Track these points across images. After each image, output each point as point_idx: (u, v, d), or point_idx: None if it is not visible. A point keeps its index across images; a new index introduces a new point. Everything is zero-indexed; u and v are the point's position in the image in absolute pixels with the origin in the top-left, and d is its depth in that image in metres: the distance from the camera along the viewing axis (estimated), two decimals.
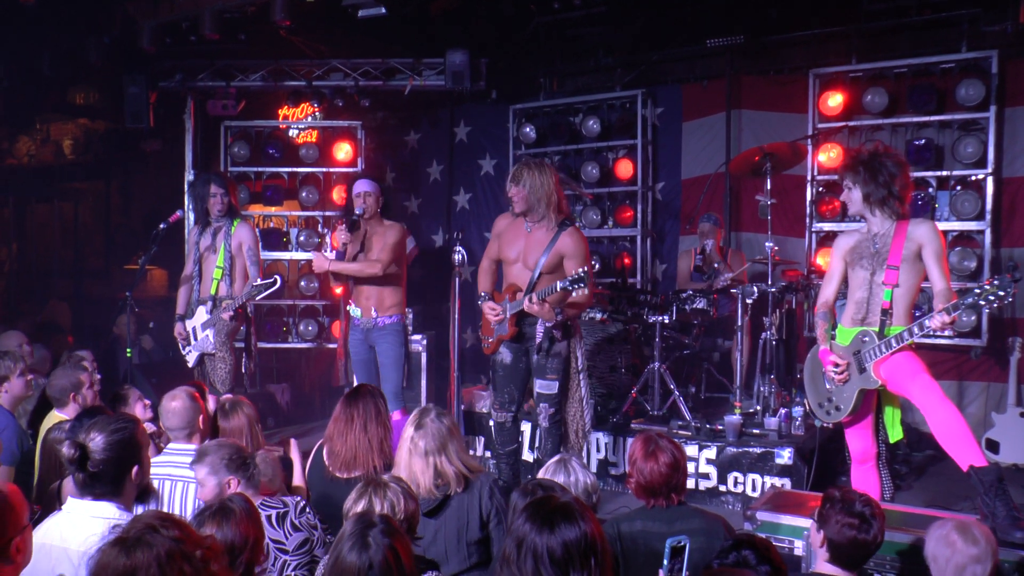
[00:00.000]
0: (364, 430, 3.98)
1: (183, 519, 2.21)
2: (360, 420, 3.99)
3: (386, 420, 4.10)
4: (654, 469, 3.38)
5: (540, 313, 5.05)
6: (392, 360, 6.13)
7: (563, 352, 5.30)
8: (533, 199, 5.18)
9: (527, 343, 5.36)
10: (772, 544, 2.89)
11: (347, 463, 3.96)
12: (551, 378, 5.29)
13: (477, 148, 9.66)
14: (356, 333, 6.22)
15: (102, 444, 2.86)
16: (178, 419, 4.02)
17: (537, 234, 5.25)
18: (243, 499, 2.84)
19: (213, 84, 8.65)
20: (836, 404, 4.54)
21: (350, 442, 3.97)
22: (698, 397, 7.16)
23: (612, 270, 8.50)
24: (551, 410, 5.34)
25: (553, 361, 5.27)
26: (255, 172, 9.04)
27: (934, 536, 3.04)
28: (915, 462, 6.57)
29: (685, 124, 8.58)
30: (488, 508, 3.64)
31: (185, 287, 6.65)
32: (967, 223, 6.88)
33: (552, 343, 5.26)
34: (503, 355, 5.44)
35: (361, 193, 6.06)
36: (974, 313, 6.70)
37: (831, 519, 3.04)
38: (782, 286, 6.39)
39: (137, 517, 2.15)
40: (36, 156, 11.32)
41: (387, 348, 6.13)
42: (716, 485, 5.89)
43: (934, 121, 7.11)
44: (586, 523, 2.38)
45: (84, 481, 2.88)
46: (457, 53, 8.12)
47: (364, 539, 2.44)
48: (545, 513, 2.40)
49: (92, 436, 2.87)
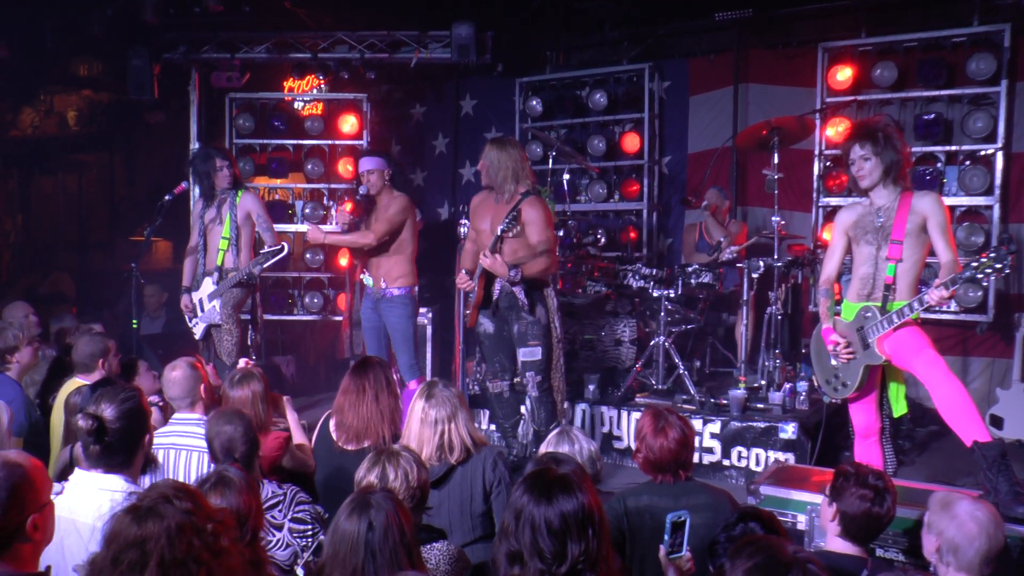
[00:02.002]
0: (376, 401, 3.97)
1: (197, 490, 2.22)
2: (372, 391, 3.98)
3: (395, 389, 4.10)
4: (663, 445, 3.39)
5: (493, 267, 5.20)
6: (401, 333, 6.19)
7: (543, 319, 5.40)
8: (495, 173, 5.43)
9: (506, 312, 5.46)
10: (776, 516, 2.90)
11: (358, 434, 3.96)
12: (533, 344, 5.38)
13: (483, 121, 9.61)
14: (367, 301, 6.34)
15: (114, 414, 2.87)
16: (179, 388, 4.05)
17: (503, 203, 5.43)
18: (238, 470, 2.85)
19: (217, 56, 8.60)
20: (843, 380, 4.54)
21: (362, 413, 3.97)
22: (703, 371, 7.17)
23: (618, 244, 8.49)
24: (538, 378, 5.41)
25: (534, 328, 5.37)
26: (260, 144, 9.02)
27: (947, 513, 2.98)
28: (918, 437, 6.58)
29: (692, 98, 8.54)
30: (491, 479, 3.66)
31: (190, 259, 6.65)
32: (975, 198, 6.85)
33: (512, 305, 5.37)
34: (485, 326, 5.59)
35: (364, 172, 6.17)
36: (979, 289, 6.70)
37: (846, 492, 3.03)
38: (788, 261, 6.38)
39: (154, 485, 2.16)
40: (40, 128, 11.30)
41: (395, 321, 6.19)
42: (720, 459, 5.90)
43: (944, 95, 7.05)
44: (584, 494, 2.40)
45: (100, 452, 2.88)
46: (463, 26, 8.05)
47: (363, 503, 2.47)
48: (543, 485, 2.42)
49: (103, 407, 2.88)
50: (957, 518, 2.83)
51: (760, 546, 2.10)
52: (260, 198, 7.00)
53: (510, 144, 5.51)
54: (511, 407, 5.69)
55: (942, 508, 2.91)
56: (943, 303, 4.15)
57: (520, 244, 5.29)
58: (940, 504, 2.94)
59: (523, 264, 5.24)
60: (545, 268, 5.38)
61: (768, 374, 6.26)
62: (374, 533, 2.42)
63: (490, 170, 5.42)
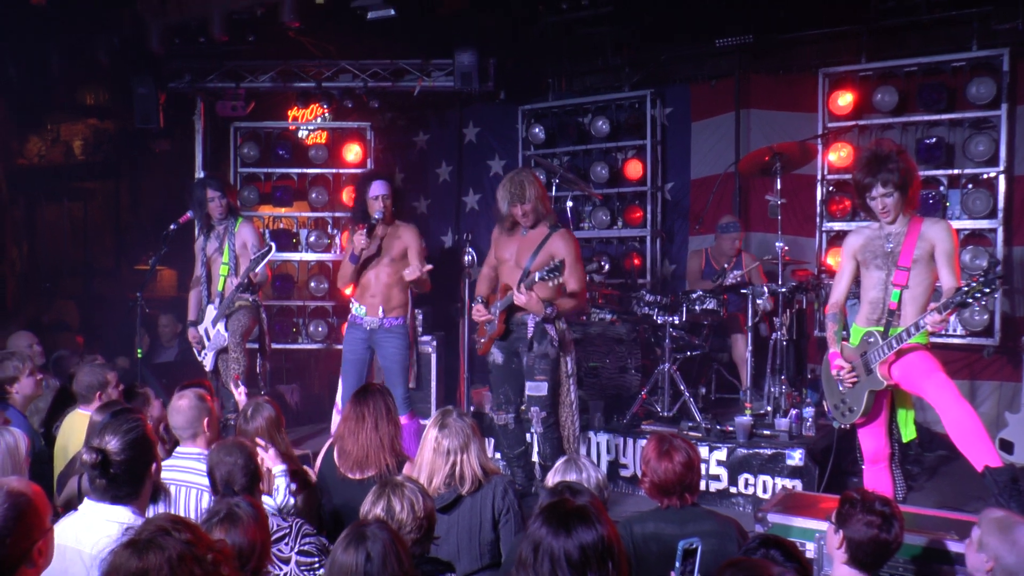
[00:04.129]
0: (375, 428, 3.97)
1: (194, 522, 2.21)
2: (371, 419, 3.98)
3: (396, 417, 4.09)
4: (668, 468, 3.39)
5: (528, 304, 5.16)
6: (399, 364, 6.04)
7: (551, 354, 5.35)
8: (538, 205, 5.40)
9: (517, 343, 5.43)
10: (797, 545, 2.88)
11: (359, 462, 3.95)
12: (539, 379, 5.33)
13: (486, 149, 9.65)
14: (356, 332, 6.10)
15: (119, 446, 2.86)
16: (183, 418, 4.00)
17: (531, 235, 5.43)
18: (250, 504, 2.84)
19: (222, 85, 8.66)
20: (849, 406, 4.52)
21: (362, 441, 3.96)
22: (708, 398, 7.14)
23: (622, 271, 8.48)
24: (543, 414, 5.37)
25: (541, 362, 5.33)
26: (264, 173, 9.06)
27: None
28: (927, 462, 6.54)
29: (694, 124, 8.56)
30: (500, 507, 3.64)
31: (195, 292, 6.68)
32: (979, 221, 6.85)
33: (541, 342, 5.31)
34: (495, 356, 5.55)
35: (379, 196, 5.97)
36: (984, 312, 6.69)
37: (852, 518, 3.01)
38: (792, 286, 6.37)
39: (149, 520, 2.16)
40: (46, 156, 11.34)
41: (393, 352, 6.03)
42: (726, 486, 5.87)
43: (945, 119, 7.09)
44: (603, 526, 2.38)
45: (105, 486, 2.87)
46: (466, 54, 8.10)
47: (359, 535, 2.46)
48: (561, 516, 2.40)
49: (107, 439, 2.87)
50: (1018, 544, 2.85)
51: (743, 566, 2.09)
52: (256, 227, 6.98)
53: (534, 175, 5.49)
54: (516, 438, 5.65)
55: (1001, 531, 2.90)
56: (939, 327, 4.17)
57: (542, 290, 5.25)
58: (999, 527, 2.93)
59: (556, 301, 5.25)
60: (577, 305, 5.40)
61: (774, 400, 6.24)
62: (372, 564, 2.41)
63: (536, 208, 5.37)
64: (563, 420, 5.48)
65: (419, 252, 6.00)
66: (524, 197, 5.35)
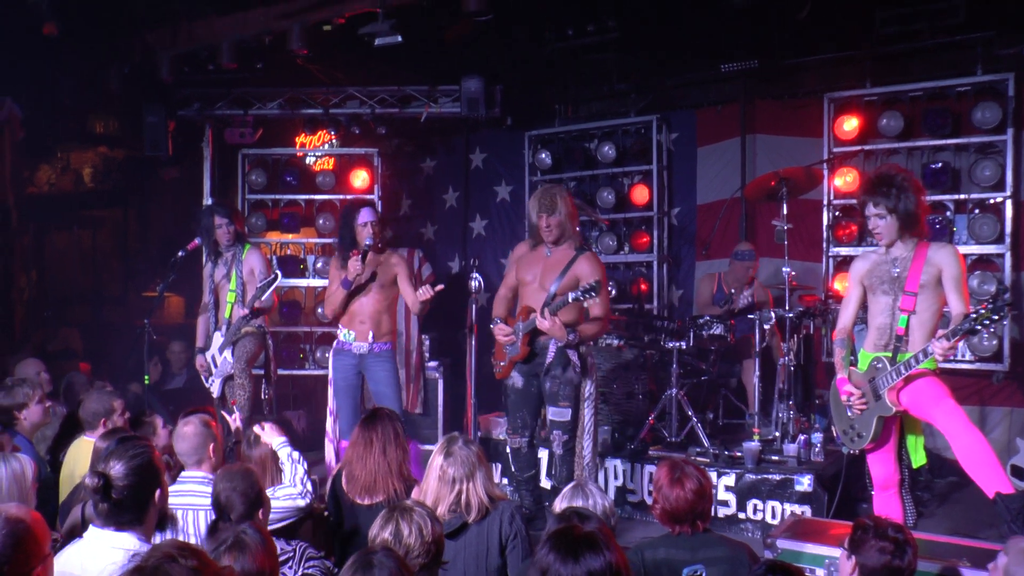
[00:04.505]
0: (383, 453, 3.95)
1: (201, 549, 2.21)
2: (379, 443, 3.97)
3: (404, 443, 4.07)
4: (680, 495, 3.38)
5: (552, 330, 5.09)
6: (391, 388, 6.04)
7: (575, 380, 5.30)
8: (566, 224, 5.32)
9: (538, 367, 5.36)
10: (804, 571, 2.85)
11: (367, 487, 3.94)
12: (563, 405, 5.28)
13: (493, 174, 9.69)
14: (346, 358, 6.11)
15: (123, 471, 2.86)
16: (187, 444, 4.00)
17: (556, 256, 5.34)
18: (256, 530, 2.83)
19: (231, 112, 8.72)
20: (858, 431, 4.50)
21: (369, 466, 3.95)
22: (716, 423, 7.12)
23: (628, 296, 8.48)
24: (564, 437, 5.32)
25: (566, 388, 5.27)
26: (272, 199, 9.10)
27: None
28: (937, 488, 6.49)
29: (700, 149, 8.59)
30: (508, 533, 3.62)
31: (203, 319, 6.70)
32: (986, 247, 6.84)
33: (565, 368, 5.25)
34: (514, 379, 5.46)
35: (368, 223, 6.01)
36: (993, 337, 6.66)
37: (865, 544, 2.98)
38: (799, 311, 6.36)
39: (156, 546, 2.16)
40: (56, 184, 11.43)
41: (384, 376, 6.05)
42: (735, 512, 5.83)
43: (950, 144, 7.09)
44: (611, 552, 2.37)
45: (108, 511, 2.87)
46: (472, 80, 8.16)
47: (366, 563, 2.45)
48: (569, 543, 2.39)
49: (112, 464, 2.87)
50: None
51: None
52: (264, 254, 7.01)
53: (568, 194, 5.44)
54: (527, 461, 5.61)
55: None
56: (948, 354, 4.13)
57: (577, 306, 5.20)
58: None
59: (579, 326, 5.20)
60: (600, 331, 5.37)
61: (782, 425, 6.21)
62: None
63: (563, 223, 5.31)
64: (579, 448, 5.41)
65: (408, 277, 6.09)
66: (553, 209, 5.28)
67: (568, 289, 5.15)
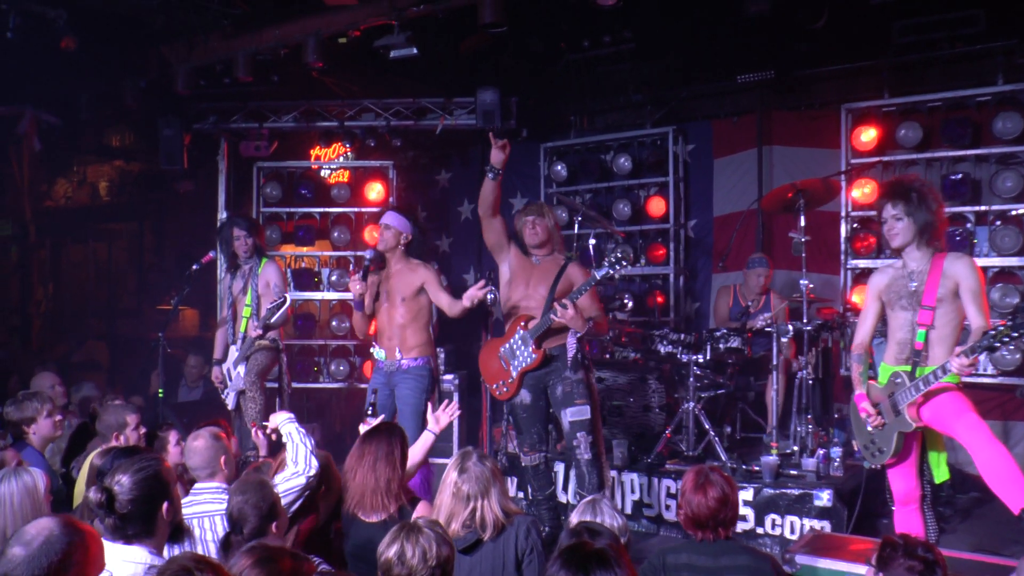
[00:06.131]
0: (372, 469, 3.87)
1: (218, 563, 2.21)
2: (371, 458, 3.90)
3: (397, 460, 3.95)
4: (701, 502, 3.40)
5: (574, 320, 5.02)
6: (411, 407, 5.71)
7: (584, 379, 5.30)
8: (553, 232, 5.46)
9: (548, 376, 5.30)
10: None
11: (359, 502, 3.90)
12: (581, 403, 5.24)
13: (508, 187, 9.67)
14: (379, 376, 5.92)
15: (128, 484, 2.88)
16: (199, 458, 4.00)
17: (545, 264, 5.41)
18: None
19: (246, 125, 8.78)
20: (879, 446, 4.46)
21: (358, 479, 3.89)
22: (733, 437, 7.07)
23: (645, 308, 8.46)
24: (589, 438, 5.24)
25: (579, 387, 5.27)
26: (287, 212, 9.14)
27: None
28: (959, 504, 6.42)
29: (716, 161, 8.59)
30: (524, 547, 3.61)
31: (221, 331, 6.75)
32: (1008, 259, 6.78)
33: (577, 367, 5.27)
34: (523, 397, 5.37)
35: (382, 224, 5.94)
36: (1017, 351, 6.59)
37: (893, 563, 2.93)
38: (817, 324, 6.33)
39: (173, 559, 2.17)
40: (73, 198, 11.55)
41: (407, 393, 5.77)
42: (753, 527, 5.79)
43: (970, 155, 7.05)
44: (621, 569, 2.37)
45: (115, 524, 2.88)
46: (487, 92, 8.18)
47: None
48: (580, 559, 2.39)
49: (118, 478, 2.89)
50: None
51: None
52: (281, 268, 7.01)
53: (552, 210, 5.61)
54: (546, 478, 5.54)
55: None
56: (967, 371, 4.08)
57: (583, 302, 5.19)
58: None
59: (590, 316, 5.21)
60: (602, 325, 5.41)
61: (800, 440, 6.17)
62: None
63: (550, 229, 5.42)
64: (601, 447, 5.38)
65: (439, 284, 5.91)
66: (541, 213, 5.44)
67: (564, 293, 5.16)
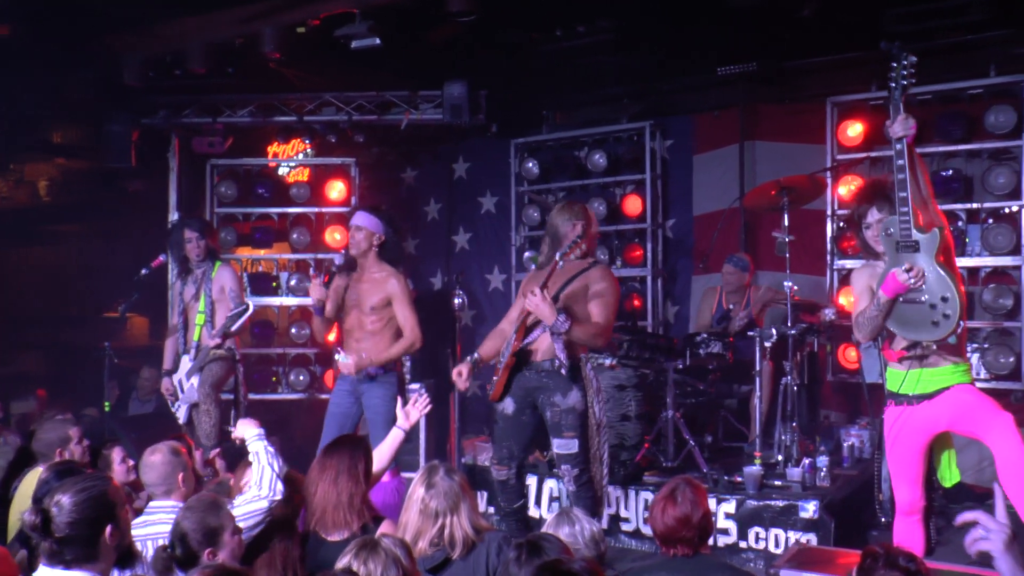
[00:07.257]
0: (334, 483, 3.83)
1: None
2: (331, 472, 3.85)
3: (360, 475, 3.90)
4: (659, 519, 3.44)
5: (539, 307, 4.84)
6: (382, 416, 5.73)
7: (579, 407, 5.10)
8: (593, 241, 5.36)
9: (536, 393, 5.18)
10: None
11: (320, 520, 3.85)
12: (568, 436, 5.08)
13: (477, 185, 9.67)
14: (343, 383, 5.94)
15: (68, 505, 2.80)
16: (155, 474, 3.93)
17: (569, 266, 5.19)
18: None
19: (199, 120, 8.67)
20: (942, 295, 4.15)
21: (320, 494, 3.85)
22: (715, 446, 7.07)
23: (622, 313, 8.43)
24: (575, 471, 5.13)
25: (568, 417, 5.07)
26: (243, 213, 9.05)
27: None
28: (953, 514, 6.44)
29: (696, 157, 8.60)
30: (495, 564, 3.57)
31: (171, 340, 6.65)
32: (1001, 258, 6.83)
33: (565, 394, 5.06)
34: (505, 405, 5.28)
35: (352, 226, 5.89)
36: (1011, 354, 6.64)
37: (875, 573, 2.94)
38: (803, 328, 6.34)
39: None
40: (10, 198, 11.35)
41: (377, 404, 5.82)
42: (736, 541, 5.78)
43: (962, 151, 7.08)
44: None
45: (52, 549, 2.81)
46: (455, 85, 8.12)
47: None
48: None
49: (57, 498, 2.81)
50: None
51: None
52: (236, 271, 6.94)
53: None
54: (515, 492, 5.46)
55: None
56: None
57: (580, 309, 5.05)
58: None
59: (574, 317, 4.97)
60: (593, 335, 5.08)
61: (785, 449, 6.17)
62: None
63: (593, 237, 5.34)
64: (596, 477, 5.24)
65: (407, 300, 5.87)
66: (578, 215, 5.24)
67: (575, 294, 5.07)
